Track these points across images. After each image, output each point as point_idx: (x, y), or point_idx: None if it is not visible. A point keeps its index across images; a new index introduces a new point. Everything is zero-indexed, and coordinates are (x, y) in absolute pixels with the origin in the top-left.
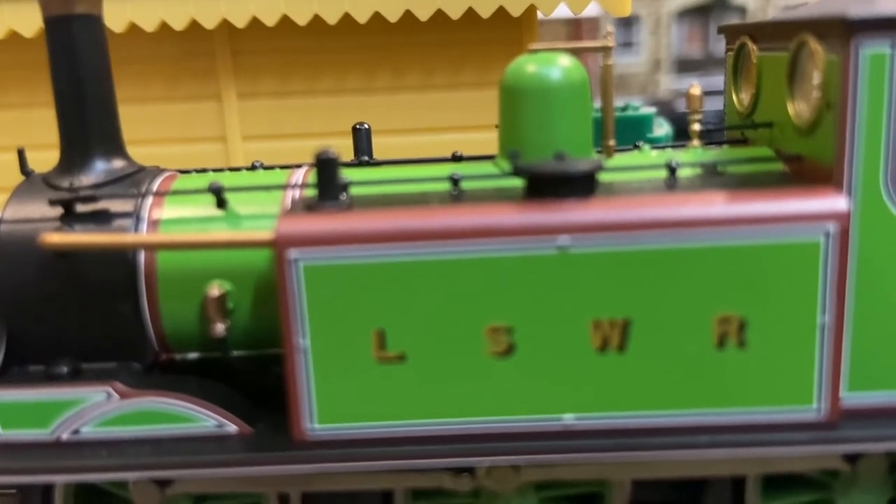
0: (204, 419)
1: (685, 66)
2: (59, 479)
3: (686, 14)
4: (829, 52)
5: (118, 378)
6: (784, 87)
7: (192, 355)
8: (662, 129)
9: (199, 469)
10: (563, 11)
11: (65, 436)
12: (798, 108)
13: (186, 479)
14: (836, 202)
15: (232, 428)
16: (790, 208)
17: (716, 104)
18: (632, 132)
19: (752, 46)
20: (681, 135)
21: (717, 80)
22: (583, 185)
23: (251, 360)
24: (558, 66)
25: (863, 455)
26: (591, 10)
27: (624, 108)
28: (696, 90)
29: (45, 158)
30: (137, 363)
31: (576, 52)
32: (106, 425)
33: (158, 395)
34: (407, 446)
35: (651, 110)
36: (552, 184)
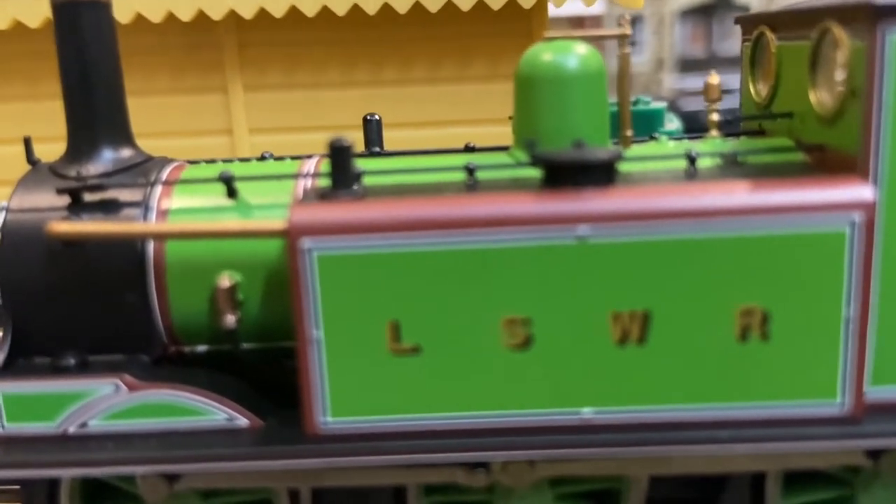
0: (214, 412)
1: (688, 66)
2: (66, 473)
3: (689, 13)
4: (854, 39)
5: (126, 370)
6: (806, 75)
7: (202, 348)
8: (673, 124)
9: (208, 463)
10: (573, 6)
11: (72, 429)
12: (821, 97)
13: (196, 473)
14: (862, 191)
15: (242, 421)
16: (814, 198)
17: (724, 102)
18: (643, 126)
19: (770, 36)
20: (689, 132)
21: (722, 79)
22: (602, 174)
23: (262, 352)
24: (575, 54)
25: (885, 451)
26: (597, 9)
27: (635, 103)
28: (714, 79)
29: (51, 150)
30: (146, 355)
31: (590, 41)
32: (114, 418)
33: (167, 388)
34: (421, 441)
35: (662, 104)
36: (571, 172)
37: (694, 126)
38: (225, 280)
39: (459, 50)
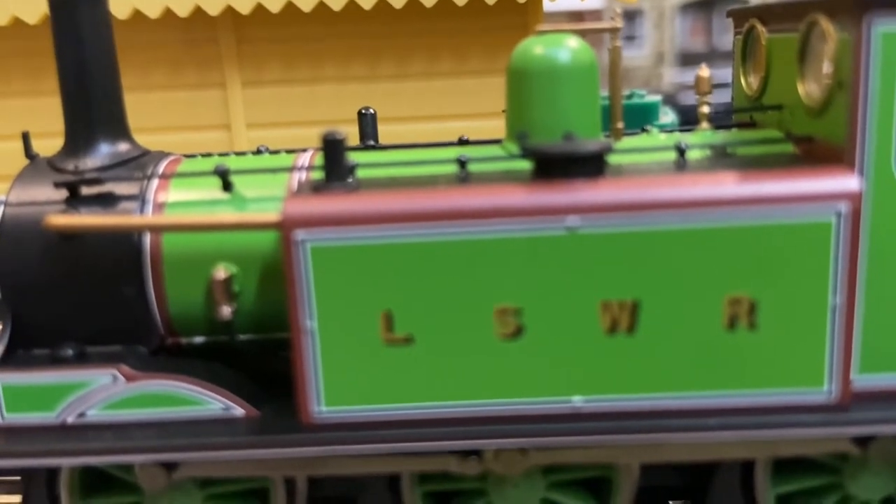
0: (210, 402)
1: (688, 60)
2: (65, 462)
3: (689, 7)
4: (841, 31)
5: (124, 361)
6: (794, 68)
7: (199, 339)
8: (668, 117)
9: (205, 452)
10: (568, 0)
11: (70, 419)
12: (809, 89)
13: (193, 462)
14: (848, 182)
15: (238, 411)
16: (801, 188)
17: (721, 96)
18: (638, 120)
19: (760, 29)
20: (686, 125)
21: (721, 73)
22: (592, 166)
23: (257, 343)
24: (566, 47)
25: (873, 438)
26: (593, 2)
27: (629, 96)
28: (704, 72)
29: (50, 146)
30: (143, 347)
31: (583, 34)
32: (112, 408)
33: (165, 379)
34: (414, 429)
35: (657, 98)
36: (561, 164)
37: (693, 119)
38: (221, 272)
39: (456, 44)
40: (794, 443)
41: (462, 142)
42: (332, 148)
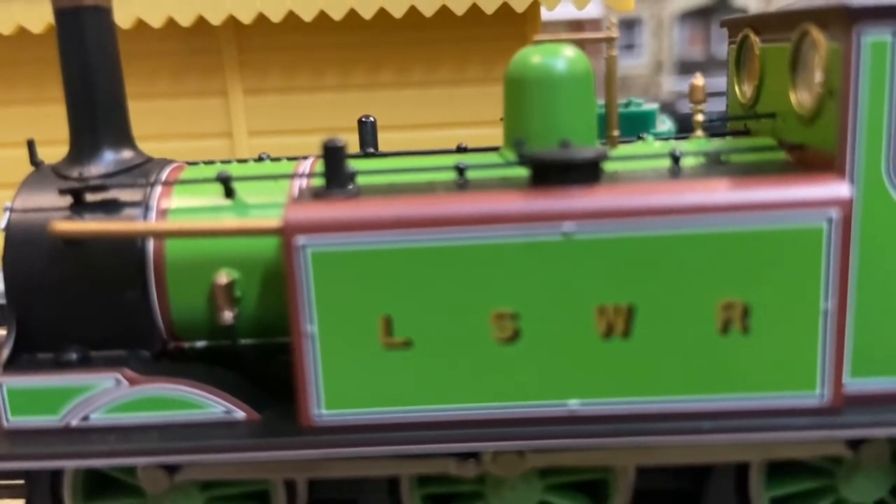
0: (212, 405)
1: (687, 68)
2: (68, 464)
3: (688, 16)
4: (831, 41)
5: (127, 365)
6: (786, 76)
7: (201, 343)
8: (665, 125)
9: (207, 455)
10: (565, 9)
11: (74, 422)
12: (800, 97)
13: (195, 464)
14: (839, 189)
15: (240, 414)
16: (793, 195)
17: (717, 105)
18: (635, 128)
19: (754, 38)
20: (684, 133)
21: (719, 82)
22: (587, 173)
23: (259, 347)
24: (562, 56)
25: (866, 441)
26: (592, 11)
27: (627, 104)
28: (699, 81)
29: (54, 153)
30: (146, 351)
31: (579, 44)
32: (115, 412)
33: (167, 382)
34: (413, 432)
35: (654, 106)
36: (557, 171)
37: (691, 127)
38: (223, 277)
39: (455, 53)
40: (788, 446)
41: (460, 149)
42: (333, 155)
